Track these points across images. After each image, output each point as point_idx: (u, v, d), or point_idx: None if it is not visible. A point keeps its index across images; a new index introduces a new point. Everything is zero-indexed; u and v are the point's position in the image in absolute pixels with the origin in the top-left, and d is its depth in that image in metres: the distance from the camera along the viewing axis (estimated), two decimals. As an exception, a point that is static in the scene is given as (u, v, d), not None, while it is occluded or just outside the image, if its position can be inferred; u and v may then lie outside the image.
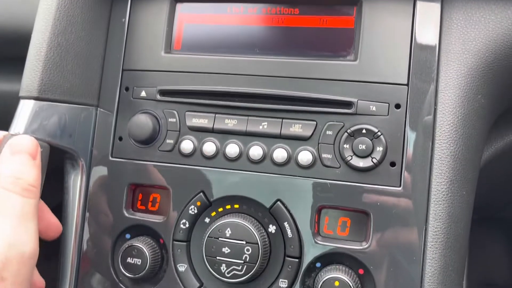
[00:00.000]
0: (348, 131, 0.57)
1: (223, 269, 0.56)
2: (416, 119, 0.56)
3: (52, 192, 0.68)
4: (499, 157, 0.72)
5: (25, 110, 0.59)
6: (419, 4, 0.57)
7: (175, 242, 0.61)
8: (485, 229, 1.14)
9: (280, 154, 0.59)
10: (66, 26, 0.61)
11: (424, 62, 0.57)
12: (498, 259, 1.17)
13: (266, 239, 0.58)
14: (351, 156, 0.57)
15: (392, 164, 0.56)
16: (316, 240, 0.57)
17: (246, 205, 0.60)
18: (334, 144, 0.58)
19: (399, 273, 0.55)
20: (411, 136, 0.56)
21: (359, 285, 0.55)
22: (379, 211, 0.56)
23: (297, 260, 0.57)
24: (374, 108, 0.57)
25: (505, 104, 0.63)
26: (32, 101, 0.59)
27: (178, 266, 0.61)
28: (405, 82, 0.57)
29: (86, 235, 0.64)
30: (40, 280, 0.56)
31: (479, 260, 1.14)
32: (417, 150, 0.56)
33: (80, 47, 0.63)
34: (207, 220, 0.61)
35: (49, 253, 0.67)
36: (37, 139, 0.58)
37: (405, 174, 0.56)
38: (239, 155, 0.60)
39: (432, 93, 0.56)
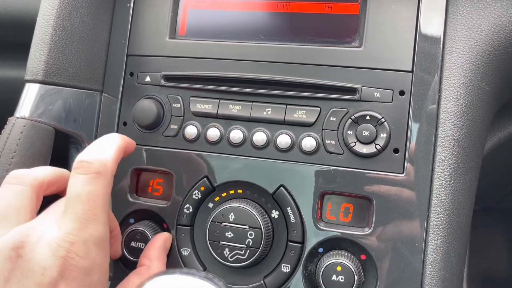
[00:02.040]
0: (352, 117, 0.57)
1: (226, 253, 0.57)
2: (420, 106, 0.56)
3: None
4: (503, 146, 0.72)
5: (30, 93, 0.59)
6: (424, -9, 0.57)
7: (178, 227, 0.61)
8: (487, 219, 1.14)
9: (283, 140, 0.59)
10: (71, 11, 0.61)
11: (429, 49, 0.57)
12: (499, 249, 1.17)
13: (269, 224, 0.58)
14: (355, 143, 0.57)
15: (396, 150, 0.57)
16: (319, 226, 0.57)
17: (250, 191, 0.60)
18: (337, 131, 0.58)
19: (401, 258, 0.55)
20: (415, 123, 0.56)
21: (361, 270, 0.56)
22: (381, 198, 0.56)
23: (299, 245, 0.58)
24: (378, 95, 0.57)
25: (509, 92, 0.63)
26: (38, 85, 0.59)
27: (181, 250, 0.61)
28: (410, 69, 0.57)
29: (90, 219, 0.65)
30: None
31: (480, 251, 1.15)
32: (421, 137, 0.56)
33: (85, 31, 0.63)
34: (210, 205, 0.61)
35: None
36: (42, 123, 0.59)
37: (408, 160, 0.56)
38: (243, 141, 0.60)
39: (436, 80, 0.56)
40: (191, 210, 0.61)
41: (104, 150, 0.49)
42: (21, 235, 0.43)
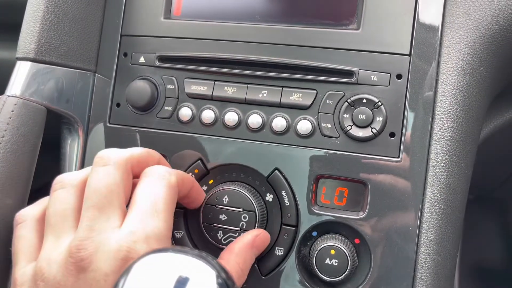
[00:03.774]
0: (349, 100, 0.57)
1: (220, 236, 0.57)
2: (417, 90, 0.56)
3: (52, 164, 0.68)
4: (498, 133, 0.72)
5: (21, 71, 0.58)
6: (424, -27, 0.57)
7: (172, 209, 0.61)
8: (480, 209, 1.15)
9: (279, 122, 0.58)
10: (64, -12, 0.60)
11: (427, 32, 0.56)
12: (492, 238, 1.18)
13: (263, 207, 0.58)
14: (351, 126, 0.57)
15: (392, 134, 0.56)
16: (313, 209, 0.57)
17: (244, 174, 0.60)
18: (334, 114, 0.57)
19: (394, 243, 0.55)
20: (411, 107, 0.56)
21: (355, 254, 0.56)
22: (377, 182, 0.56)
23: (293, 228, 0.58)
24: (375, 78, 0.57)
25: (506, 78, 0.63)
26: (29, 63, 0.58)
27: (174, 233, 0.61)
28: (407, 52, 0.56)
29: (82, 202, 0.64)
30: None
31: (473, 240, 1.15)
32: (417, 121, 0.56)
33: (78, 9, 0.62)
34: (204, 187, 0.60)
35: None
36: (33, 102, 0.58)
37: (404, 145, 0.56)
38: (238, 123, 0.60)
39: (434, 64, 0.56)
40: (184, 192, 0.60)
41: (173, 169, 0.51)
42: (78, 247, 0.42)
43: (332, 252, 0.55)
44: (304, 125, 0.58)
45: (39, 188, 0.62)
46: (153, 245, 0.42)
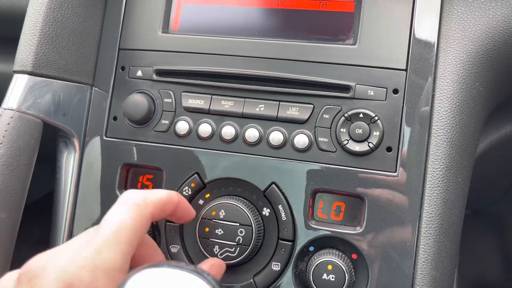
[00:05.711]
0: (345, 115, 0.57)
1: (216, 250, 0.56)
2: (414, 105, 0.56)
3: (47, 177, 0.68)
4: (495, 148, 0.72)
5: (18, 85, 0.58)
6: (419, -10, 0.57)
7: (168, 223, 0.60)
8: (477, 223, 1.14)
9: (276, 136, 0.58)
10: (63, 2, 0.60)
11: (423, 48, 0.57)
12: (489, 254, 1.17)
13: (260, 222, 0.57)
14: (348, 140, 0.57)
15: (389, 149, 0.56)
16: (310, 224, 0.57)
17: (241, 188, 0.59)
18: (330, 128, 0.58)
19: (392, 258, 0.54)
20: (408, 121, 0.56)
21: (352, 270, 0.55)
22: (374, 196, 0.56)
23: (290, 243, 0.57)
24: (372, 93, 0.57)
25: (502, 93, 0.63)
26: (26, 76, 0.58)
27: (170, 247, 0.60)
28: (404, 68, 0.57)
29: (78, 216, 0.64)
30: None
31: (470, 255, 1.15)
32: (414, 136, 0.56)
33: (76, 23, 0.62)
34: (201, 201, 0.60)
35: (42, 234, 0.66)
36: (30, 115, 0.58)
37: (401, 159, 0.56)
38: (235, 137, 0.60)
39: (430, 79, 0.56)
40: (181, 206, 0.60)
41: (154, 192, 0.48)
42: (30, 264, 0.41)
43: (329, 267, 0.54)
44: (301, 139, 0.58)
45: (35, 201, 0.62)
46: (99, 276, 0.40)
